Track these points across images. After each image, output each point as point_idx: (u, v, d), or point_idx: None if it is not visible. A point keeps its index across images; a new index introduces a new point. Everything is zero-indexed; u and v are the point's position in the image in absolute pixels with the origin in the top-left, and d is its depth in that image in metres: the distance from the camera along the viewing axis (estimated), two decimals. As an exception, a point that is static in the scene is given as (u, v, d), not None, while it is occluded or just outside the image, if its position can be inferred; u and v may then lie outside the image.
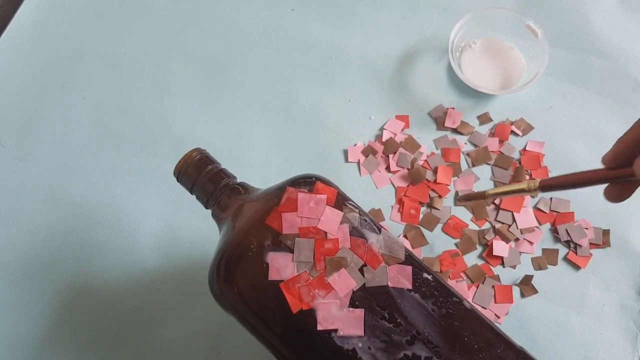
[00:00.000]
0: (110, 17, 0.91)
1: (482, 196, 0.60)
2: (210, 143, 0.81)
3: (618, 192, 0.47)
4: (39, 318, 0.74)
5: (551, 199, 0.76)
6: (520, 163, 0.78)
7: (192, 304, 0.73)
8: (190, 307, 0.73)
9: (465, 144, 0.79)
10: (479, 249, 0.74)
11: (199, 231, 0.76)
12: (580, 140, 0.79)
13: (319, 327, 0.47)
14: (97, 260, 0.76)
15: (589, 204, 0.75)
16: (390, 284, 0.49)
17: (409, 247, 0.74)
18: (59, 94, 0.86)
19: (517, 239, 0.74)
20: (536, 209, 0.76)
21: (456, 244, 0.75)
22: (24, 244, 0.77)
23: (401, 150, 0.79)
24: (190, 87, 0.85)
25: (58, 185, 0.80)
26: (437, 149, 0.79)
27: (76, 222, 0.78)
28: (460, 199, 0.61)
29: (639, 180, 0.43)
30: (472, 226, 0.75)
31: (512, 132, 0.80)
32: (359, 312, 0.48)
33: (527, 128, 0.80)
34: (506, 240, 0.74)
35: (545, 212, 0.75)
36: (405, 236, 0.75)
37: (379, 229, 0.51)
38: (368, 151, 0.79)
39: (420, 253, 0.74)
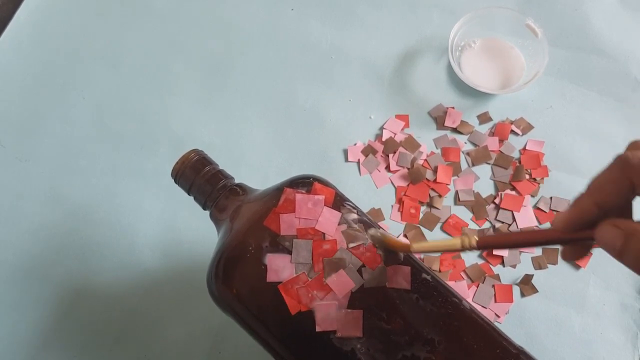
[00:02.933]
0: (110, 17, 0.91)
1: (405, 248, 0.52)
2: (210, 143, 0.81)
3: (576, 253, 0.44)
4: (39, 318, 0.74)
5: (551, 198, 0.76)
6: (520, 162, 0.78)
7: (192, 304, 0.73)
8: (190, 307, 0.73)
9: (465, 143, 0.79)
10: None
11: (199, 231, 0.76)
12: (580, 140, 0.79)
13: (318, 329, 0.47)
14: (97, 261, 0.76)
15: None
16: (389, 285, 0.49)
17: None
18: (59, 94, 0.86)
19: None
20: (536, 208, 0.75)
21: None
22: (24, 244, 0.77)
23: (401, 149, 0.79)
24: (190, 87, 0.85)
25: (58, 186, 0.80)
26: (437, 148, 0.79)
27: (76, 222, 0.78)
28: (376, 243, 0.51)
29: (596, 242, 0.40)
30: (472, 225, 0.75)
31: (512, 131, 0.79)
32: (358, 313, 0.48)
33: (527, 127, 0.80)
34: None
35: (545, 212, 0.75)
36: (405, 235, 0.75)
37: (377, 230, 0.51)
38: (368, 151, 0.79)
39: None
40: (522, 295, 0.72)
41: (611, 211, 0.39)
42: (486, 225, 0.75)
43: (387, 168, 0.78)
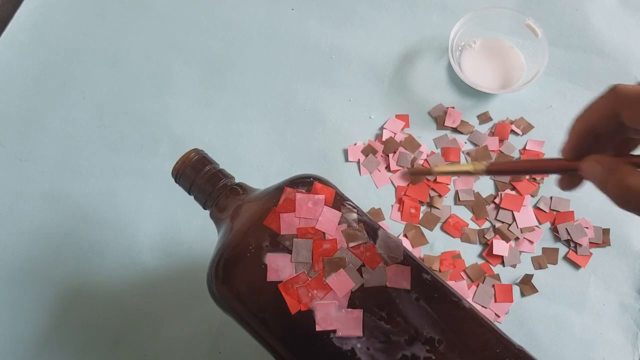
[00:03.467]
0: (110, 17, 0.91)
1: (428, 172, 0.58)
2: (210, 143, 0.81)
3: (571, 182, 0.47)
4: (39, 318, 0.74)
5: (551, 198, 0.76)
6: (520, 162, 0.78)
7: (192, 303, 0.73)
8: (190, 307, 0.73)
9: (465, 143, 0.79)
10: (479, 247, 0.74)
11: (199, 231, 0.76)
12: (580, 140, 0.79)
13: (318, 328, 0.47)
14: (97, 260, 0.76)
15: (589, 203, 0.75)
16: (388, 285, 0.49)
17: (409, 247, 0.74)
18: (59, 93, 0.86)
19: (517, 238, 0.74)
20: (536, 208, 0.76)
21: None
22: (24, 244, 0.77)
23: (401, 149, 0.79)
24: (190, 86, 0.85)
25: (58, 186, 0.80)
26: (437, 148, 0.79)
27: (76, 222, 0.78)
28: (405, 174, 0.59)
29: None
30: (472, 225, 0.75)
31: (512, 131, 0.79)
32: (358, 313, 0.48)
33: (527, 127, 0.80)
34: (506, 239, 0.74)
35: (545, 211, 0.75)
36: (405, 235, 0.75)
37: (377, 229, 0.51)
38: (368, 151, 0.79)
39: (421, 252, 0.74)
40: (522, 295, 0.72)
41: (602, 139, 0.42)
42: (486, 225, 0.75)
43: (387, 168, 0.78)
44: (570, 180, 0.47)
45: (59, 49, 0.89)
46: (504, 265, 0.73)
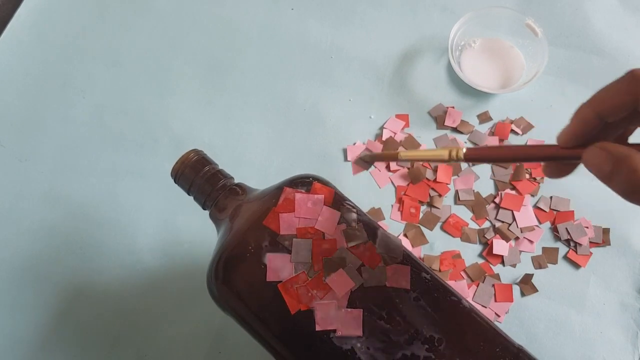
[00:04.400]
0: (110, 17, 0.91)
1: (390, 157, 0.51)
2: (210, 142, 0.81)
3: (559, 170, 0.44)
4: (39, 318, 0.74)
5: (551, 197, 0.76)
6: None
7: (192, 304, 0.73)
8: (190, 307, 0.73)
9: (465, 142, 0.79)
10: (479, 246, 0.74)
11: (199, 231, 0.76)
12: (580, 139, 0.79)
13: (318, 328, 0.47)
14: (97, 260, 0.76)
15: (589, 203, 0.75)
16: (388, 284, 0.49)
17: (409, 246, 0.74)
18: (59, 93, 0.86)
19: (517, 238, 0.74)
20: (536, 207, 0.76)
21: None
22: (24, 243, 0.77)
23: (401, 149, 0.79)
24: (190, 86, 0.85)
25: (58, 185, 0.80)
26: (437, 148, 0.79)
27: (76, 222, 0.78)
28: (360, 159, 0.54)
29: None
30: (472, 225, 0.75)
31: (512, 130, 0.79)
32: (358, 313, 0.48)
33: (527, 127, 0.80)
34: (506, 239, 0.74)
35: (545, 211, 0.75)
36: (405, 235, 0.75)
37: (376, 229, 0.51)
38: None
39: (421, 252, 0.74)
40: (522, 294, 0.72)
41: (611, 128, 0.39)
42: (486, 224, 0.75)
43: (387, 167, 0.78)
44: (560, 168, 0.44)
45: (59, 49, 0.89)
46: (504, 265, 0.73)
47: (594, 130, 0.39)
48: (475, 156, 0.45)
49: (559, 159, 0.42)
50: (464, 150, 0.44)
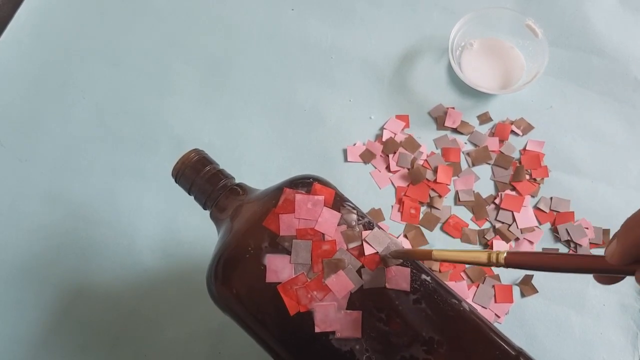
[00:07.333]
0: (110, 16, 0.91)
1: (426, 257, 0.48)
2: (210, 142, 0.81)
3: (610, 279, 0.44)
4: (39, 318, 0.74)
5: (551, 198, 0.76)
6: (520, 162, 0.78)
7: (192, 304, 0.73)
8: (190, 307, 0.73)
9: (465, 143, 0.79)
10: (479, 248, 0.74)
11: (199, 231, 0.76)
12: (580, 140, 0.79)
13: (317, 330, 0.47)
14: (97, 261, 0.76)
15: (589, 204, 0.75)
16: (388, 286, 0.49)
17: (409, 247, 0.74)
18: (59, 93, 0.86)
19: (517, 239, 0.74)
20: (536, 208, 0.75)
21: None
22: (24, 244, 0.77)
23: (401, 150, 0.79)
24: (190, 86, 0.85)
25: (58, 186, 0.80)
26: (437, 148, 0.79)
27: (76, 222, 0.78)
28: (391, 254, 0.50)
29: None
30: (472, 226, 0.75)
31: (512, 131, 0.79)
32: (357, 314, 0.48)
33: (527, 127, 0.80)
34: (506, 239, 0.74)
35: (546, 212, 0.75)
36: (405, 236, 0.75)
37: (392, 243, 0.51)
38: (366, 155, 0.79)
39: (420, 253, 0.74)
40: (522, 295, 0.72)
41: None
42: (486, 225, 0.75)
43: (388, 168, 0.78)
44: (612, 278, 0.44)
45: (59, 49, 0.89)
46: (504, 266, 0.73)
47: None
48: (517, 262, 0.42)
49: (608, 274, 0.42)
50: (505, 254, 0.42)
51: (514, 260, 0.42)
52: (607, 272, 0.40)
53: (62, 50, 0.89)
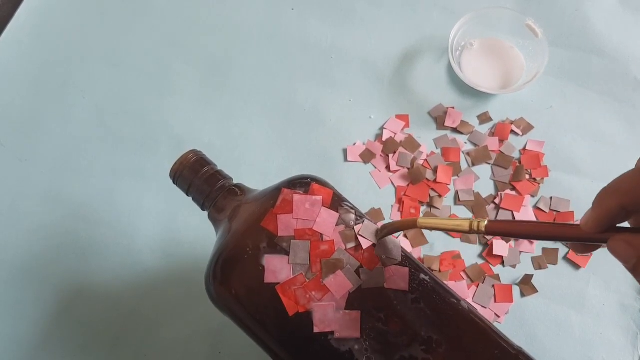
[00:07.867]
0: (110, 17, 0.91)
1: (411, 226, 0.49)
2: (210, 142, 0.81)
3: (585, 247, 0.45)
4: (39, 318, 0.74)
5: (551, 198, 0.76)
6: (520, 162, 0.78)
7: (192, 304, 0.73)
8: (190, 307, 0.73)
9: (465, 143, 0.79)
10: (479, 247, 0.74)
11: (199, 231, 0.76)
12: (580, 140, 0.78)
13: (316, 330, 0.47)
14: (97, 260, 0.76)
15: (589, 204, 0.75)
16: (386, 286, 0.49)
17: (409, 247, 0.74)
18: (59, 93, 0.86)
19: (517, 239, 0.74)
20: (536, 208, 0.75)
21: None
22: (24, 244, 0.77)
23: (401, 149, 0.79)
24: (190, 86, 0.85)
25: (58, 186, 0.80)
26: (437, 148, 0.79)
27: (76, 222, 0.78)
28: (380, 232, 0.51)
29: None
30: (472, 226, 0.75)
31: (512, 131, 0.79)
32: (356, 314, 0.48)
33: (527, 127, 0.79)
34: (506, 239, 0.74)
35: (545, 212, 0.75)
36: (405, 235, 0.75)
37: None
38: (366, 155, 0.79)
39: (420, 252, 0.74)
40: (522, 295, 0.72)
41: (633, 213, 0.39)
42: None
43: (387, 168, 0.78)
44: (587, 247, 0.45)
45: (59, 49, 0.89)
46: (504, 266, 0.73)
47: (618, 220, 0.39)
48: (497, 230, 0.44)
49: (583, 241, 0.43)
50: (486, 222, 0.44)
51: (494, 228, 0.44)
52: (582, 240, 0.42)
53: (62, 50, 0.89)
